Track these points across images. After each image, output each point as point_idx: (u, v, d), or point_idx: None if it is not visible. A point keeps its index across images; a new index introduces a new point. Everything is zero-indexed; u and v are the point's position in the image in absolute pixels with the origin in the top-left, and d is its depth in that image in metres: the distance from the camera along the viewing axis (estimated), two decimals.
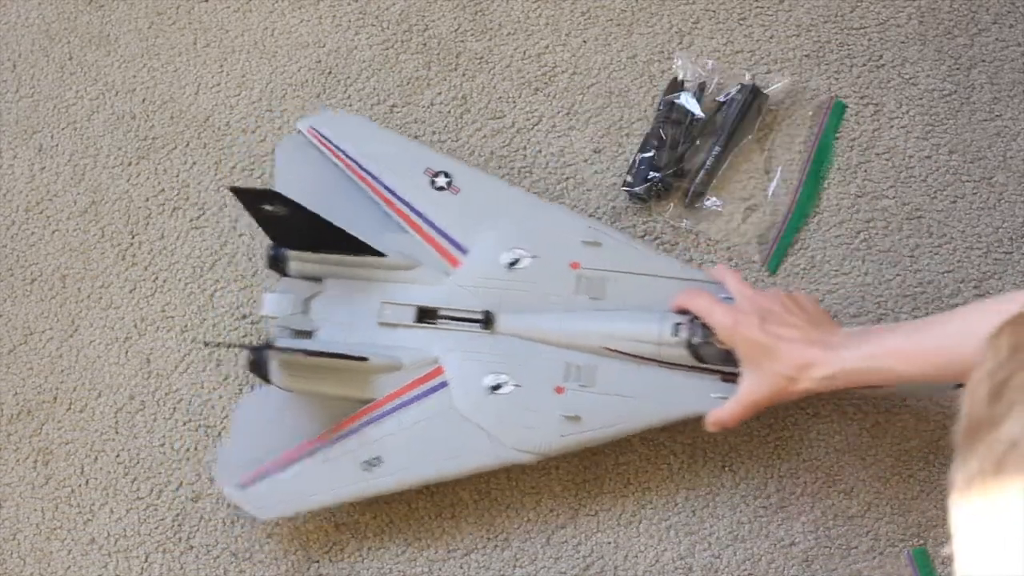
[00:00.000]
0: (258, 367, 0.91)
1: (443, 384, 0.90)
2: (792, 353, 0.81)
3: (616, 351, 0.89)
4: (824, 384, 0.81)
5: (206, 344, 0.99)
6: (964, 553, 0.48)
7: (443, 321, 0.91)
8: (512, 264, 0.93)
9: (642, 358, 0.89)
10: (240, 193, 0.89)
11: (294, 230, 0.91)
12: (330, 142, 0.99)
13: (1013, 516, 0.45)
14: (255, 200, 0.88)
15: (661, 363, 0.88)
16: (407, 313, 0.92)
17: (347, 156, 0.98)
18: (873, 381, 0.82)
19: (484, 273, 0.92)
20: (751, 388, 0.83)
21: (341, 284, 0.94)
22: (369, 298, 0.93)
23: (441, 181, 0.96)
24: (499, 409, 0.89)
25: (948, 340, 0.77)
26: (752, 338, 0.82)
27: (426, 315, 0.92)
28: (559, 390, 0.89)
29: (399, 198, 0.96)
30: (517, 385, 0.89)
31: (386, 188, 0.96)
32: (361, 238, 0.91)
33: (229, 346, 0.99)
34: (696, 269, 0.94)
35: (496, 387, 0.89)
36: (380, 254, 0.92)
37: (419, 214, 0.95)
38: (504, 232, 0.94)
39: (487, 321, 0.91)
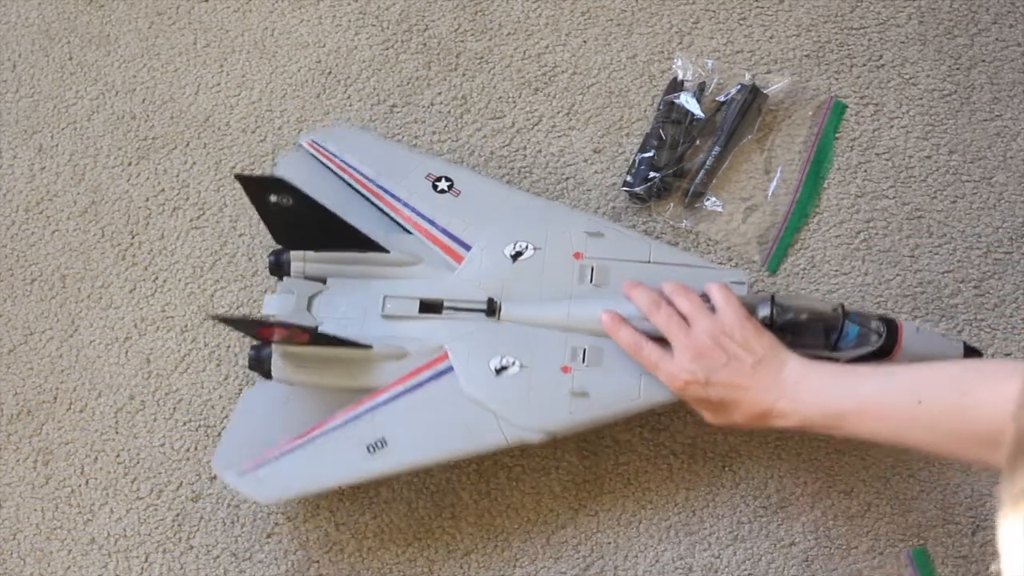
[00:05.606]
0: (259, 363, 0.90)
1: (448, 369, 0.89)
2: (744, 406, 0.81)
3: None
4: (791, 430, 0.82)
5: (211, 318, 0.97)
6: (1013, 570, 0.48)
7: (447, 312, 0.91)
8: (515, 256, 0.93)
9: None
10: (245, 181, 0.88)
11: (298, 226, 0.91)
12: (331, 153, 1.00)
13: None
14: (260, 189, 0.88)
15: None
16: (411, 306, 0.92)
17: (348, 165, 0.99)
18: (845, 436, 0.80)
19: (488, 266, 0.93)
20: (721, 423, 0.84)
21: (344, 283, 0.94)
22: (372, 294, 0.93)
23: (443, 185, 0.97)
24: (506, 389, 0.88)
25: (946, 403, 0.73)
26: (701, 397, 0.82)
27: (430, 308, 0.92)
28: (565, 369, 0.88)
29: (401, 201, 0.96)
30: (523, 366, 0.89)
31: (388, 193, 0.97)
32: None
33: (234, 320, 0.97)
34: (699, 258, 0.95)
35: (502, 369, 0.89)
36: (384, 250, 0.92)
37: (421, 215, 0.95)
38: (507, 227, 0.94)
39: (491, 309, 0.91)
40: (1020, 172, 1.04)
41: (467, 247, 0.94)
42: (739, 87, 1.05)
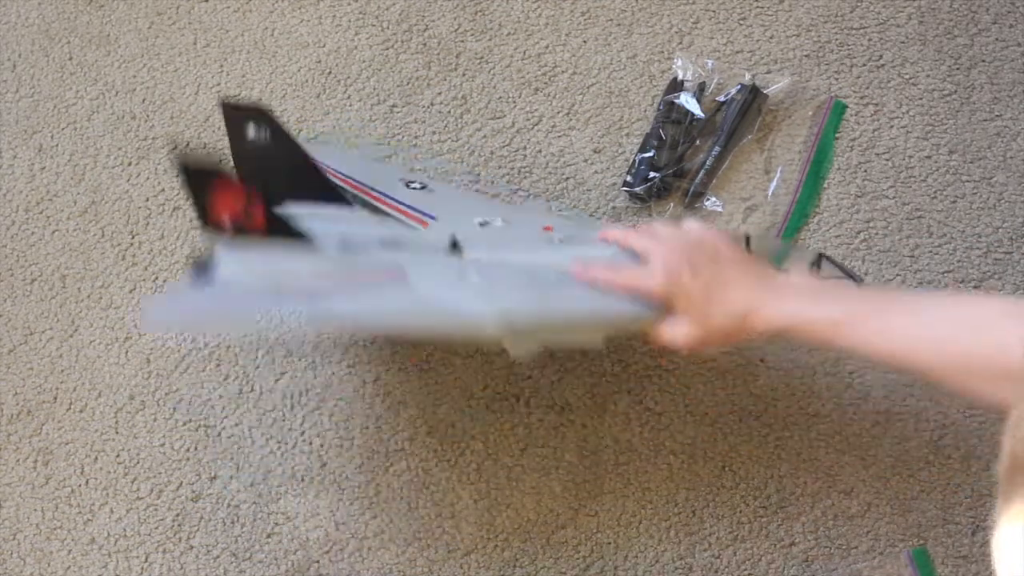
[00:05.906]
0: (204, 268, 0.81)
1: (403, 279, 0.80)
2: (728, 303, 0.74)
3: None
4: (778, 335, 0.74)
5: (173, 154, 0.95)
6: None
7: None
8: (484, 224, 0.91)
9: None
10: (229, 108, 0.85)
11: (267, 169, 0.87)
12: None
13: None
14: (243, 119, 0.85)
15: None
16: (371, 242, 0.85)
17: (325, 165, 0.98)
18: (842, 350, 0.73)
19: (455, 227, 0.87)
20: (697, 334, 0.76)
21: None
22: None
23: (416, 185, 0.97)
24: (465, 288, 0.79)
25: (954, 331, 0.67)
26: (684, 294, 0.75)
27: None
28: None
29: (373, 189, 0.95)
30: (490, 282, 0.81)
31: (359, 183, 0.96)
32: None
33: (192, 164, 0.85)
34: None
35: (463, 277, 0.81)
36: (349, 204, 0.89)
37: (392, 198, 0.93)
38: (476, 205, 0.93)
39: (454, 245, 0.84)
40: (1020, 172, 1.04)
41: (433, 218, 0.90)
42: (739, 87, 1.05)
